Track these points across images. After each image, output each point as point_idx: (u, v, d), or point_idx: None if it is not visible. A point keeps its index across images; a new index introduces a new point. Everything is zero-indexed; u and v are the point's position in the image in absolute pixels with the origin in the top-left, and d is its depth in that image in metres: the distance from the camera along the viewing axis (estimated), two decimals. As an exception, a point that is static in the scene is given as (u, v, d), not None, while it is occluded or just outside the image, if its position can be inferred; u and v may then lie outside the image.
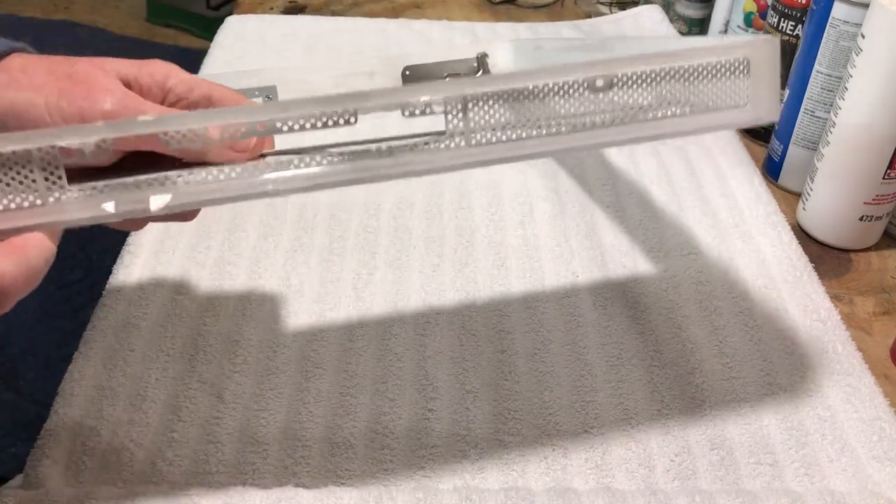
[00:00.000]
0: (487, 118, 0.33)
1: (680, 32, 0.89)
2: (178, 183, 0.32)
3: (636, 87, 0.33)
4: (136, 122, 0.32)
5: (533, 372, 0.48)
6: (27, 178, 0.30)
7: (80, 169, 0.32)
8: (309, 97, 0.32)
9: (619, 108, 0.33)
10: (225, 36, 0.83)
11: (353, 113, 0.32)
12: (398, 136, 0.33)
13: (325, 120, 0.32)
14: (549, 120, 0.33)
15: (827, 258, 0.60)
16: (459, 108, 0.32)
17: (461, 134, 0.33)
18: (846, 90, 0.56)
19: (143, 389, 0.46)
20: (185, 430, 0.44)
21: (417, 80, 0.53)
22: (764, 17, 0.72)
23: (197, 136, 0.31)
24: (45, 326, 0.54)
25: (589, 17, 0.95)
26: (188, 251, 0.55)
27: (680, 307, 0.53)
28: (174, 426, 0.44)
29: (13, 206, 0.30)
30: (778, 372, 0.49)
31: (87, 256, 0.58)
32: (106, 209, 0.31)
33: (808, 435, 0.45)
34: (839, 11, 0.59)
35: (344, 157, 0.32)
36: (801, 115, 0.64)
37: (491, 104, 0.33)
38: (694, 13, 0.89)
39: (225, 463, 0.43)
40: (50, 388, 0.46)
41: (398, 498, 0.40)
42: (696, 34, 0.91)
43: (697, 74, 0.34)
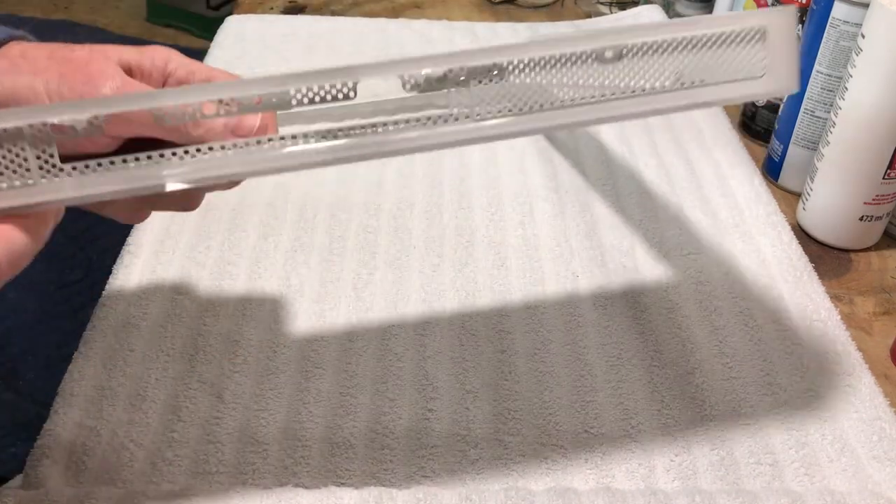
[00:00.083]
0: (491, 91, 0.31)
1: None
2: (172, 161, 0.31)
3: (647, 57, 0.32)
4: (128, 97, 0.31)
5: (533, 372, 0.48)
6: (18, 156, 0.29)
7: (79, 157, 0.32)
8: (306, 70, 0.31)
9: (629, 80, 0.32)
10: (225, 36, 0.83)
11: (352, 87, 0.31)
12: (399, 111, 0.32)
13: (323, 94, 0.31)
14: (555, 93, 0.32)
15: (827, 258, 0.60)
16: (462, 80, 0.31)
17: (464, 108, 0.31)
18: (846, 90, 0.56)
19: (143, 389, 0.46)
20: (185, 430, 0.44)
21: None
22: (764, 17, 0.72)
23: (191, 110, 0.31)
24: (45, 326, 0.54)
25: (589, 16, 0.95)
26: (188, 251, 0.55)
27: (680, 307, 0.53)
28: (174, 426, 0.44)
29: (4, 185, 0.30)
30: (778, 372, 0.49)
31: (87, 256, 0.58)
32: (100, 188, 0.30)
33: (808, 435, 0.45)
34: (839, 11, 0.59)
35: (346, 132, 0.31)
36: (801, 115, 0.64)
37: (495, 77, 0.31)
38: (694, 13, 0.89)
39: (225, 463, 0.43)
40: (50, 388, 0.46)
41: (398, 498, 0.40)
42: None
43: (711, 44, 0.32)
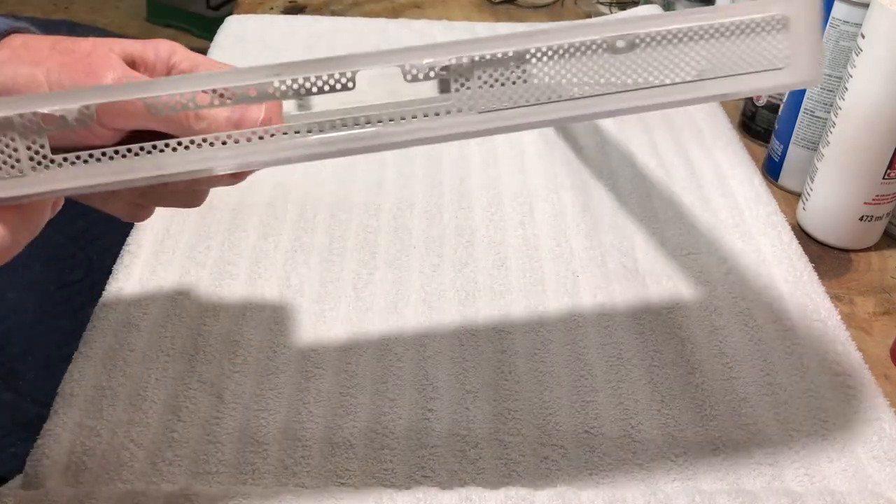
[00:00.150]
0: (496, 82, 0.30)
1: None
2: (166, 153, 0.30)
3: (661, 47, 0.30)
4: (118, 87, 0.30)
5: (533, 372, 0.48)
6: (8, 146, 0.29)
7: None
8: (304, 59, 0.30)
9: (641, 71, 0.30)
10: (225, 36, 0.83)
11: (350, 77, 0.30)
12: (400, 102, 0.31)
13: (321, 84, 0.30)
14: (564, 85, 0.30)
15: (827, 258, 0.60)
16: (466, 71, 0.30)
17: (467, 100, 0.30)
18: (846, 90, 0.56)
19: (143, 389, 0.46)
20: (185, 430, 0.44)
21: None
22: (764, 17, 0.72)
23: (185, 100, 0.30)
24: (45, 326, 0.54)
25: (589, 16, 0.95)
26: (188, 251, 0.55)
27: (680, 307, 0.53)
28: (174, 426, 0.44)
29: None
30: (778, 372, 0.49)
31: (87, 256, 0.58)
32: (92, 180, 0.30)
33: (807, 435, 0.45)
34: (839, 11, 0.59)
35: (345, 124, 0.30)
36: (801, 115, 0.64)
37: (500, 67, 0.30)
38: (694, 13, 0.89)
39: (225, 463, 0.43)
40: (50, 388, 0.46)
41: (398, 498, 0.40)
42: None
43: (729, 33, 0.31)
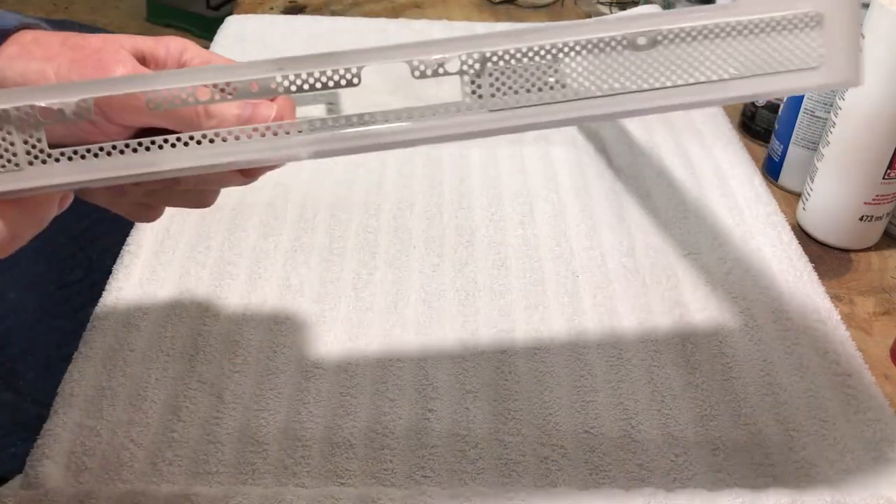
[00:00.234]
0: (510, 80, 0.29)
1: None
2: (165, 148, 0.29)
3: (684, 44, 0.29)
4: (116, 79, 0.29)
5: (533, 372, 0.48)
6: (4, 140, 0.28)
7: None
8: (308, 54, 0.29)
9: (664, 69, 0.29)
10: (225, 36, 0.83)
11: (356, 73, 0.29)
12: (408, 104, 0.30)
13: (325, 80, 0.29)
14: (582, 82, 0.29)
15: (827, 258, 0.60)
16: (477, 67, 0.28)
17: (479, 98, 0.29)
18: (846, 90, 0.56)
19: (143, 389, 0.46)
20: (185, 430, 0.44)
21: None
22: (764, 17, 0.72)
23: (185, 95, 0.29)
24: (45, 326, 0.54)
25: (589, 17, 0.95)
26: (188, 251, 0.55)
27: (680, 307, 0.53)
28: (174, 426, 0.44)
29: None
30: (778, 372, 0.48)
31: (87, 256, 0.58)
32: (89, 175, 0.29)
33: (807, 435, 0.45)
34: (839, 11, 0.59)
35: (351, 121, 0.29)
36: (801, 115, 0.64)
37: (514, 63, 0.28)
38: (694, 13, 0.89)
39: (225, 463, 0.43)
40: (50, 388, 0.46)
41: (398, 498, 0.40)
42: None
43: (757, 30, 0.29)
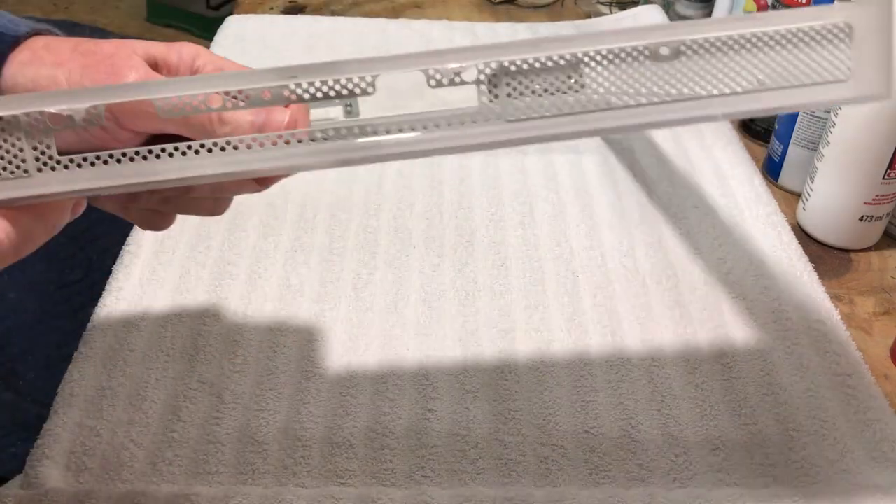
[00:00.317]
0: (528, 89, 0.28)
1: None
2: (175, 156, 0.29)
3: (708, 56, 0.28)
4: (127, 86, 0.29)
5: (533, 372, 0.48)
6: (14, 146, 0.28)
7: None
8: (322, 62, 0.28)
9: (687, 80, 0.28)
10: (225, 36, 0.83)
11: (370, 82, 0.28)
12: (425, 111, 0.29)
13: (339, 88, 0.28)
14: (602, 93, 0.28)
15: (827, 258, 0.60)
16: (495, 77, 0.28)
17: (496, 108, 0.28)
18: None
19: (143, 389, 0.46)
20: (185, 430, 0.44)
21: None
22: (764, 17, 0.72)
23: (196, 102, 0.29)
24: (45, 326, 0.54)
25: (589, 17, 0.95)
26: (188, 251, 0.55)
27: (679, 307, 0.53)
28: (174, 426, 0.44)
29: None
30: (778, 372, 0.48)
31: (87, 256, 0.58)
32: (97, 183, 0.28)
33: (807, 435, 0.45)
34: (839, 11, 0.59)
35: (366, 130, 0.29)
36: (801, 115, 0.64)
37: (532, 73, 0.28)
38: (694, 13, 0.89)
39: (225, 463, 0.43)
40: (50, 388, 0.46)
41: (398, 498, 0.40)
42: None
43: (785, 41, 0.28)
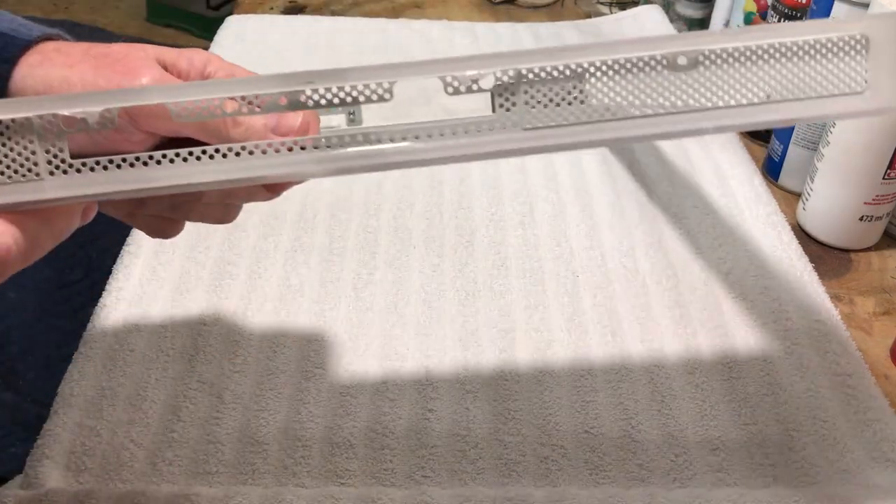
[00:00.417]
0: (544, 98, 0.28)
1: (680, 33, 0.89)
2: (189, 161, 0.28)
3: (726, 66, 0.28)
4: (144, 90, 0.29)
5: (533, 372, 0.48)
6: (26, 149, 0.28)
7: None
8: (338, 68, 0.28)
9: (704, 90, 0.29)
10: (225, 36, 0.83)
11: (387, 88, 0.28)
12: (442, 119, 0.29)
13: (356, 94, 0.28)
14: (619, 103, 0.28)
15: (827, 258, 0.60)
16: (512, 85, 0.28)
17: (513, 116, 0.28)
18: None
19: (143, 389, 0.46)
20: (185, 430, 0.44)
21: None
22: (764, 17, 0.72)
23: (212, 107, 0.28)
24: (45, 326, 0.54)
25: (589, 17, 0.95)
26: (188, 251, 0.55)
27: (679, 307, 0.53)
28: (174, 426, 0.44)
29: (9, 180, 0.27)
30: (778, 372, 0.49)
31: (87, 256, 0.58)
32: (110, 187, 0.28)
33: (807, 435, 0.45)
34: (839, 11, 0.59)
35: (380, 137, 0.29)
36: (801, 115, 0.64)
37: (548, 82, 0.28)
38: (694, 13, 0.89)
39: (225, 463, 0.43)
40: (50, 388, 0.46)
41: (398, 498, 0.40)
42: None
43: (802, 53, 0.29)
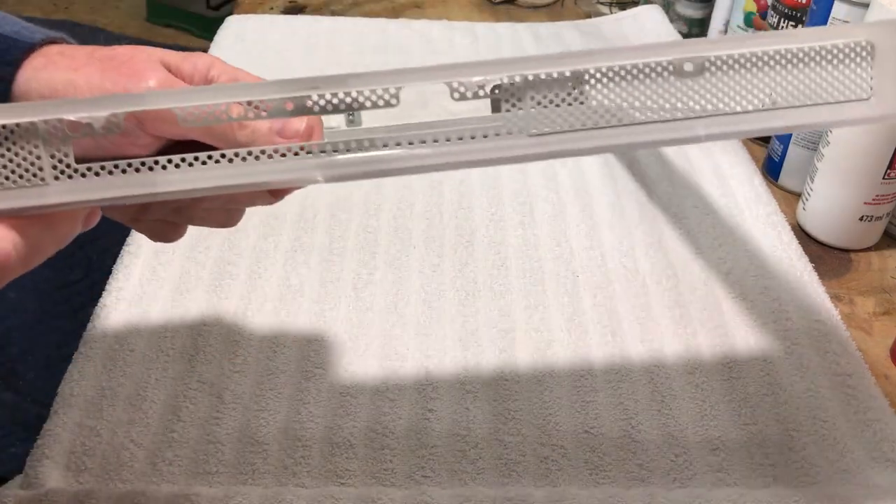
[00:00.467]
0: (550, 104, 0.28)
1: (680, 33, 0.89)
2: (195, 165, 0.28)
3: (732, 72, 0.28)
4: (149, 95, 0.29)
5: (533, 372, 0.48)
6: (31, 153, 0.27)
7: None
8: (344, 73, 0.28)
9: (710, 96, 0.28)
10: (225, 36, 0.83)
11: (394, 94, 0.28)
12: (445, 122, 0.29)
13: (362, 100, 0.28)
14: (625, 109, 0.28)
15: (827, 258, 0.60)
16: (518, 91, 0.28)
17: (519, 122, 0.28)
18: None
19: (143, 390, 0.46)
20: (185, 430, 0.44)
21: None
22: (764, 17, 0.72)
23: (218, 111, 0.28)
24: (45, 326, 0.54)
25: (589, 17, 0.95)
26: (188, 251, 0.55)
27: (680, 307, 0.53)
28: (174, 426, 0.44)
29: (14, 185, 0.27)
30: (778, 372, 0.49)
31: (86, 256, 0.58)
32: (115, 192, 0.28)
33: (807, 435, 0.45)
34: (839, 11, 0.59)
35: (386, 142, 0.28)
36: (801, 115, 0.64)
37: (555, 87, 0.28)
38: (694, 13, 0.89)
39: (225, 463, 0.43)
40: (50, 388, 0.46)
41: (398, 498, 0.40)
42: (695, 35, 0.91)
43: (808, 59, 0.29)
